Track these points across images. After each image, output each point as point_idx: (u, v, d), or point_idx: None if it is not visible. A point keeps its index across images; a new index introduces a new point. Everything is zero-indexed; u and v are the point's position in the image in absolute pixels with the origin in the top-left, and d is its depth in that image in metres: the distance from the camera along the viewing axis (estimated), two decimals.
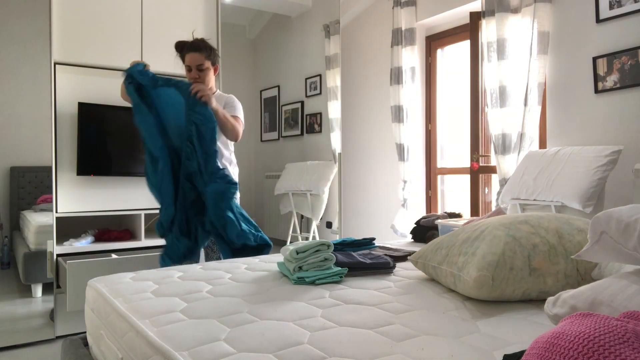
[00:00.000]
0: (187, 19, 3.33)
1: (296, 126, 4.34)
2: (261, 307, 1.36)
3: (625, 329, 0.67)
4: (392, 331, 1.15)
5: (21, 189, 2.84)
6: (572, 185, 2.20)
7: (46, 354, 2.61)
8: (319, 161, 4.02)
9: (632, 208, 1.05)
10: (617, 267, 1.29)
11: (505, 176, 2.79)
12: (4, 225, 2.84)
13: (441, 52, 3.69)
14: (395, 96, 3.61)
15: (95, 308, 1.60)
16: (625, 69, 2.38)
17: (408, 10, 3.54)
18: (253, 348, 1.06)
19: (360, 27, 4.18)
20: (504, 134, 2.80)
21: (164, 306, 1.39)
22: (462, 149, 3.50)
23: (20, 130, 2.84)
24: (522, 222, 1.53)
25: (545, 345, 0.69)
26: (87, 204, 3.02)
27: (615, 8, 2.42)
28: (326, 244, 1.73)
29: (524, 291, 1.39)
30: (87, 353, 1.65)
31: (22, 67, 2.85)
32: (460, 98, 3.52)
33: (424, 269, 1.66)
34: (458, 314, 1.30)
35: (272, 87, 4.67)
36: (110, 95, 3.13)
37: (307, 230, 4.15)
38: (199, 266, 1.98)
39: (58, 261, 2.86)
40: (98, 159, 3.03)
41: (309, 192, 3.89)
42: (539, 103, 2.71)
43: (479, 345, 1.07)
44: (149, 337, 1.17)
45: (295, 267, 1.68)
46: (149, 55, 3.19)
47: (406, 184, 3.58)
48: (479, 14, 3.10)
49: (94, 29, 3.03)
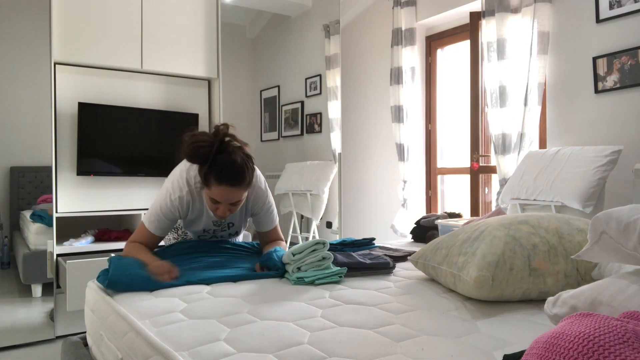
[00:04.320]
0: (187, 19, 3.33)
1: (296, 126, 4.34)
2: (261, 307, 1.35)
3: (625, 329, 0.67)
4: (392, 331, 1.15)
5: (21, 189, 2.84)
6: (572, 185, 2.20)
7: (46, 354, 2.61)
8: (319, 161, 4.02)
9: (632, 208, 1.05)
10: (617, 267, 1.29)
11: (505, 176, 2.79)
12: (4, 225, 2.84)
13: (441, 52, 3.69)
14: (395, 96, 3.60)
15: (95, 308, 1.60)
16: (625, 69, 2.38)
17: (408, 10, 3.54)
18: (253, 348, 1.06)
19: (360, 27, 4.18)
20: (504, 134, 2.80)
21: (164, 306, 1.39)
22: (462, 149, 3.50)
23: (20, 130, 2.84)
24: (522, 222, 1.52)
25: (545, 345, 0.69)
26: (87, 204, 3.02)
27: (615, 8, 2.42)
28: (321, 242, 1.73)
29: (524, 291, 1.39)
30: (87, 353, 1.65)
31: (22, 67, 2.85)
32: (460, 98, 3.51)
33: (424, 269, 1.66)
34: (458, 314, 1.30)
35: (272, 87, 4.67)
36: (110, 95, 3.14)
37: (307, 230, 4.15)
38: None
39: (58, 261, 2.86)
40: (98, 159, 3.03)
41: (309, 192, 3.89)
42: (539, 103, 2.71)
43: (479, 345, 1.07)
44: (149, 338, 1.16)
45: (294, 268, 1.67)
46: (149, 55, 3.19)
47: (406, 184, 3.58)
48: (479, 14, 3.10)
49: (94, 29, 3.03)
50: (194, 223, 1.90)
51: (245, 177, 1.66)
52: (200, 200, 1.82)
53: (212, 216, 1.85)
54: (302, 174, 4.03)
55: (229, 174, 1.62)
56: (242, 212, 1.93)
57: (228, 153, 1.64)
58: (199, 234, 1.97)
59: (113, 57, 3.09)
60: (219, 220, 1.87)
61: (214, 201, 1.69)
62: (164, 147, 3.27)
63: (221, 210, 1.70)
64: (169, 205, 1.78)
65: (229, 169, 1.62)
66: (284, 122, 4.49)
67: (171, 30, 3.27)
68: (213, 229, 1.95)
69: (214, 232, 1.97)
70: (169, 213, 1.79)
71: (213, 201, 1.69)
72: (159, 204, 1.80)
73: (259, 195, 1.90)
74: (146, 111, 3.20)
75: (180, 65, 3.31)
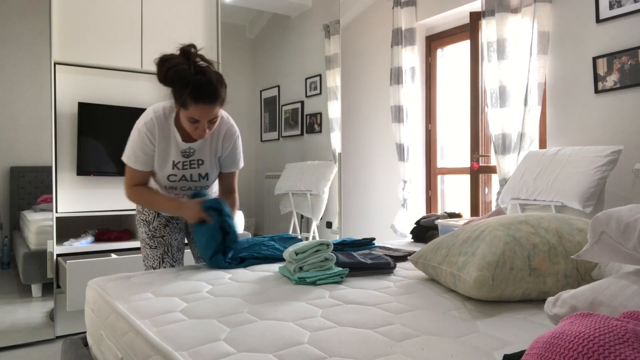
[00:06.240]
0: (187, 19, 3.33)
1: (296, 126, 4.34)
2: (261, 307, 1.35)
3: (625, 329, 0.67)
4: (392, 331, 1.15)
5: (21, 189, 2.84)
6: (572, 185, 2.20)
7: (46, 354, 2.61)
8: (319, 161, 4.02)
9: (632, 208, 1.05)
10: (617, 267, 1.29)
11: (505, 176, 2.79)
12: (4, 225, 2.84)
13: (441, 52, 3.69)
14: (395, 96, 3.61)
15: (95, 308, 1.60)
16: (625, 69, 2.38)
17: (408, 10, 3.54)
18: (253, 348, 1.06)
19: (360, 27, 4.18)
20: (504, 134, 2.80)
21: (164, 306, 1.39)
22: (462, 149, 3.50)
23: (20, 130, 2.84)
24: (522, 222, 1.53)
25: (545, 345, 0.69)
26: (87, 204, 3.03)
27: (615, 8, 2.42)
28: (325, 243, 1.73)
29: (524, 291, 1.39)
30: (87, 353, 1.65)
31: (22, 67, 2.85)
32: (460, 98, 3.52)
33: (424, 269, 1.66)
34: (458, 314, 1.30)
35: (272, 87, 4.67)
36: (110, 95, 3.14)
37: (307, 230, 4.15)
38: (199, 267, 1.98)
39: (58, 261, 2.86)
40: (98, 159, 3.03)
41: (309, 192, 3.89)
42: (539, 103, 2.71)
43: (479, 345, 1.07)
44: (149, 337, 1.17)
45: (296, 268, 1.68)
46: (149, 55, 3.19)
47: (406, 184, 3.58)
48: (479, 14, 3.10)
49: (94, 29, 3.03)
50: (163, 155, 1.88)
51: (220, 93, 1.74)
52: (167, 126, 1.86)
53: (180, 144, 1.88)
54: (302, 174, 4.03)
55: (207, 92, 1.70)
56: (212, 150, 1.96)
57: (202, 73, 1.71)
58: (169, 174, 1.92)
59: (113, 57, 3.09)
60: (187, 151, 1.90)
61: (192, 121, 1.74)
62: None
63: (200, 128, 1.76)
64: (140, 136, 1.83)
65: (206, 88, 1.69)
66: (284, 122, 4.49)
67: (171, 30, 3.27)
68: (182, 162, 1.92)
69: (183, 166, 1.93)
70: (142, 145, 1.84)
71: (192, 121, 1.74)
72: (131, 140, 1.87)
73: (231, 131, 1.98)
74: None
75: None
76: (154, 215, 2.04)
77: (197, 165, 1.95)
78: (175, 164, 1.91)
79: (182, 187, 1.98)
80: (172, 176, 1.93)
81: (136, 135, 1.84)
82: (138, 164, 1.87)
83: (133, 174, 1.89)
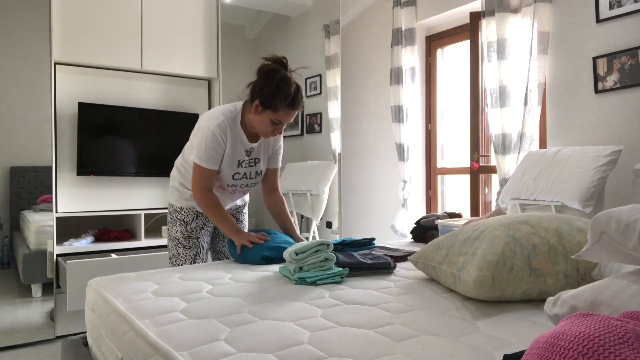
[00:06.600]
0: (187, 19, 3.33)
1: (296, 126, 4.34)
2: (261, 307, 1.35)
3: (625, 329, 0.67)
4: (392, 331, 1.15)
5: (21, 189, 2.84)
6: (572, 185, 2.20)
7: (46, 354, 2.61)
8: (319, 161, 4.02)
9: (632, 208, 1.05)
10: (617, 267, 1.29)
11: (505, 176, 2.79)
12: (4, 225, 2.84)
13: (441, 52, 3.69)
14: (395, 96, 3.61)
15: (95, 308, 1.60)
16: (625, 69, 2.38)
17: (408, 10, 3.54)
18: (253, 348, 1.06)
19: (360, 27, 4.18)
20: (504, 134, 2.80)
21: (164, 306, 1.39)
22: (462, 149, 3.50)
23: (20, 130, 2.84)
24: (522, 222, 1.53)
25: (545, 345, 0.69)
26: (87, 204, 3.03)
27: (615, 8, 2.42)
28: (326, 243, 1.73)
29: (524, 291, 1.39)
30: (87, 353, 1.65)
31: (22, 67, 2.85)
32: (460, 98, 3.52)
33: (424, 269, 1.66)
34: (458, 314, 1.30)
35: None
36: (110, 95, 3.14)
37: (307, 230, 4.15)
38: (199, 266, 1.98)
39: (58, 261, 2.86)
40: (98, 159, 3.03)
41: (309, 192, 3.89)
42: (539, 103, 2.71)
43: (479, 345, 1.07)
44: (149, 337, 1.17)
45: (296, 268, 1.67)
46: (149, 55, 3.20)
47: (406, 184, 3.58)
48: (479, 14, 3.10)
49: (94, 29, 3.03)
50: (232, 154, 2.01)
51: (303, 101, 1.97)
52: (235, 127, 1.98)
53: (245, 144, 2.02)
54: (302, 174, 4.03)
55: (299, 100, 1.92)
56: (267, 148, 2.12)
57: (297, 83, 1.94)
58: (235, 172, 2.04)
59: (113, 57, 3.09)
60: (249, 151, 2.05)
61: (276, 122, 1.92)
62: (164, 147, 3.27)
63: (279, 129, 1.96)
64: (213, 137, 1.92)
65: (296, 95, 1.91)
66: None
67: (171, 30, 3.28)
68: (246, 160, 2.06)
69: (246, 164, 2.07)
70: (215, 145, 1.93)
71: (276, 122, 1.92)
72: (202, 141, 1.93)
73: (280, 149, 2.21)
74: (146, 111, 3.21)
75: (180, 65, 3.31)
76: (193, 216, 2.13)
77: (255, 164, 2.09)
78: (241, 162, 2.04)
79: (241, 185, 2.11)
80: (237, 174, 2.06)
81: (209, 136, 1.93)
82: (210, 164, 1.95)
83: (204, 174, 1.97)
